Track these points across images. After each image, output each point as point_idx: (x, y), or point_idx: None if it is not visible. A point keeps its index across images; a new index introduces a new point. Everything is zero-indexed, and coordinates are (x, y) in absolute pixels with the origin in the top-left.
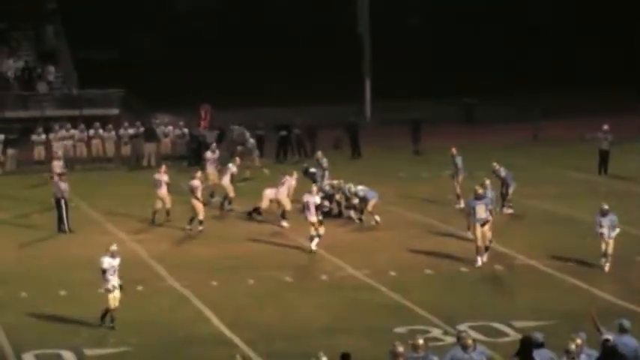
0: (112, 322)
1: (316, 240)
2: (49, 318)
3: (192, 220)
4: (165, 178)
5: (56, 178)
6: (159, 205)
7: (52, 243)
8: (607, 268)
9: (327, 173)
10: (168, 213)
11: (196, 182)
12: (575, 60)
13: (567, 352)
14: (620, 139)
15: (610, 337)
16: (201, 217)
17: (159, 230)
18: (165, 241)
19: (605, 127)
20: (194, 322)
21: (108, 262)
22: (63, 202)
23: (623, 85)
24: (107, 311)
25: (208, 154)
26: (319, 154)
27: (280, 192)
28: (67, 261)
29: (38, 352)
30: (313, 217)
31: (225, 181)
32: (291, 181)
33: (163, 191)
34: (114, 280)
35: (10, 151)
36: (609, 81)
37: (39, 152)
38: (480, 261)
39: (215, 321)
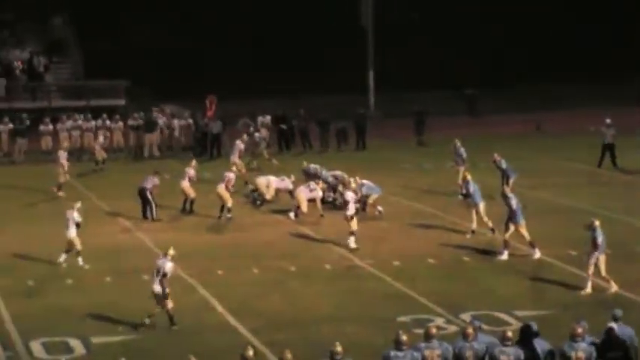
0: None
1: (352, 237)
2: (57, 306)
3: (226, 208)
4: (191, 172)
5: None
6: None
7: (59, 232)
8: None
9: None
10: (188, 204)
11: (232, 175)
12: (579, 51)
13: (573, 335)
14: (622, 130)
15: (614, 325)
16: (229, 204)
17: (165, 220)
18: (171, 231)
19: (608, 120)
20: (199, 311)
21: (170, 266)
22: (147, 192)
23: (626, 75)
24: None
25: (239, 144)
26: (305, 163)
27: (300, 191)
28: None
29: (45, 339)
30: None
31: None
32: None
33: (185, 183)
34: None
35: (20, 141)
36: (613, 71)
37: (46, 142)
38: (506, 254)
39: (220, 309)
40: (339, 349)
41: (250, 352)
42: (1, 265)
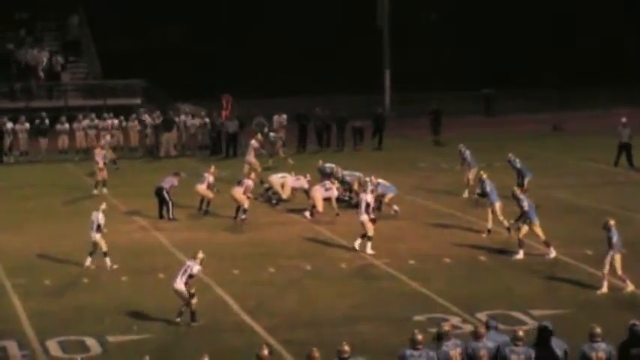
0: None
1: (360, 240)
2: (73, 305)
3: (244, 210)
4: (210, 179)
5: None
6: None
7: (76, 231)
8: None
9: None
10: (204, 204)
11: (251, 182)
12: (596, 52)
13: (592, 335)
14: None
15: (637, 322)
16: (246, 206)
17: (181, 219)
18: (187, 230)
19: (624, 119)
20: (216, 310)
21: (198, 269)
22: (164, 192)
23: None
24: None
25: (253, 143)
26: (320, 162)
27: (316, 190)
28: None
29: (62, 338)
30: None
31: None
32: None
33: (202, 187)
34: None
35: (41, 141)
36: (629, 72)
37: (62, 141)
38: (521, 254)
39: (236, 309)
40: (346, 347)
41: (266, 352)
42: (18, 265)
